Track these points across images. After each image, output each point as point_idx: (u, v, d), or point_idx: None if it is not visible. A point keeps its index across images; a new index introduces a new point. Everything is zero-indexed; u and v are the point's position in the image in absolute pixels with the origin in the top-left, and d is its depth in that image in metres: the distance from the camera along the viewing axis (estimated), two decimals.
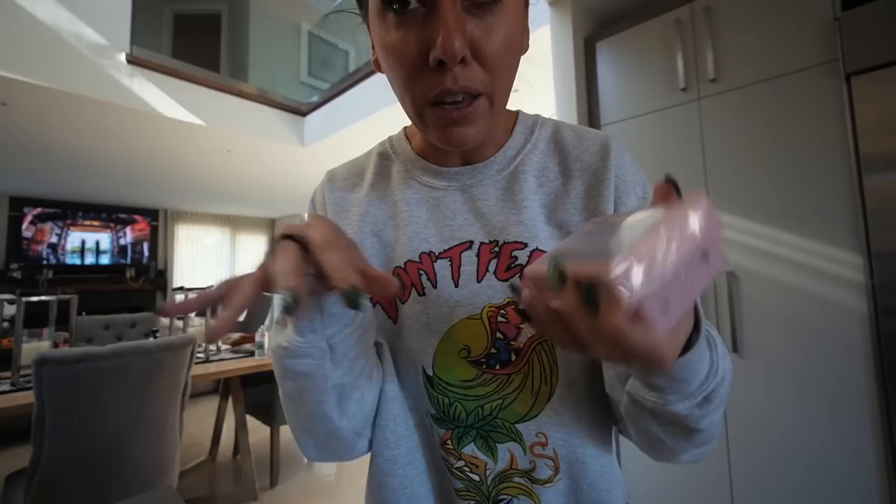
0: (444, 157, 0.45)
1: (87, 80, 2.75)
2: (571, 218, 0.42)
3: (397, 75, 0.35)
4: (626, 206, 0.41)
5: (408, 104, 0.37)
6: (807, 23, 1.21)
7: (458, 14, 0.32)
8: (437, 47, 0.31)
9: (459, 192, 0.44)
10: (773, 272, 1.24)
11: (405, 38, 0.33)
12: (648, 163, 1.49)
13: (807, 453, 1.17)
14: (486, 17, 0.33)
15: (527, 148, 0.45)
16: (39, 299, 1.95)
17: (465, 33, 0.32)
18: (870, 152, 1.09)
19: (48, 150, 3.77)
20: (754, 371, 1.26)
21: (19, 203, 5.55)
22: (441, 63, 0.32)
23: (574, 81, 1.67)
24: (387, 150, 0.50)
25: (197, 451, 2.73)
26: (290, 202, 6.54)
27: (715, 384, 0.31)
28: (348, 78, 3.58)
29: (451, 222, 0.43)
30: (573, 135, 0.45)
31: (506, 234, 0.41)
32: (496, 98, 0.36)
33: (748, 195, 1.30)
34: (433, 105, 0.35)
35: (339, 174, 0.51)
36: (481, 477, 0.41)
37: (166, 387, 1.58)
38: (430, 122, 0.36)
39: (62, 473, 1.34)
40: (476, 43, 0.33)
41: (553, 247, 0.40)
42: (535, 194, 0.43)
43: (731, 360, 0.38)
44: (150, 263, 6.50)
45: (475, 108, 0.35)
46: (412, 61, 0.33)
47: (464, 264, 0.42)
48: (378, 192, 0.47)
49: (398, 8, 0.33)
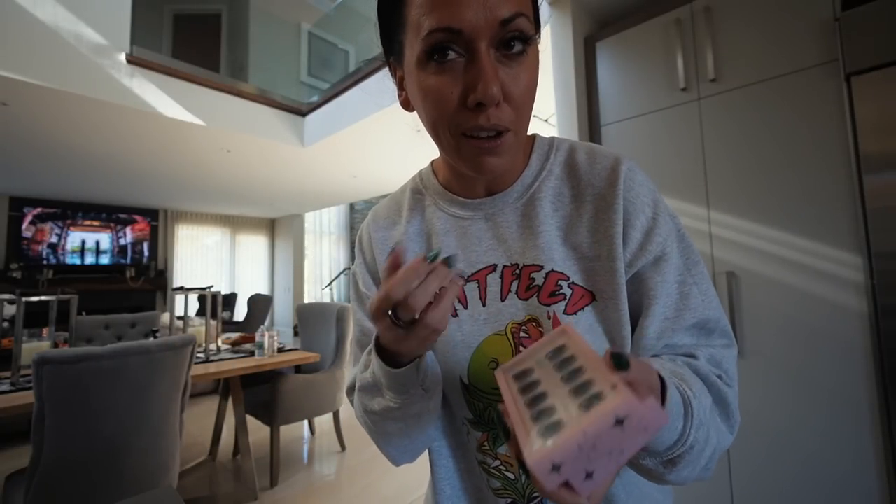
0: (469, 189, 0.50)
1: (87, 79, 2.75)
2: (584, 241, 0.45)
3: (436, 113, 0.40)
4: (636, 228, 0.44)
5: (444, 135, 0.41)
6: (807, 23, 1.21)
7: (494, 64, 0.37)
8: (478, 92, 0.36)
9: (483, 221, 0.49)
10: (773, 272, 1.25)
11: (446, 83, 0.38)
12: (648, 163, 1.49)
13: (807, 453, 1.17)
14: (513, 67, 0.38)
15: (542, 175, 0.48)
16: (39, 299, 1.95)
17: (501, 80, 0.37)
18: (870, 152, 1.09)
19: (48, 150, 3.77)
20: (754, 371, 1.26)
21: (19, 203, 5.55)
22: (479, 105, 0.37)
23: (574, 81, 1.67)
24: (418, 185, 0.55)
25: (197, 451, 2.73)
26: (290, 202, 6.54)
27: (682, 451, 0.35)
28: (348, 78, 3.58)
29: (476, 248, 0.48)
30: (586, 158, 0.48)
31: (525, 257, 0.46)
32: (520, 132, 0.41)
33: (748, 195, 1.30)
34: (467, 137, 0.39)
35: (380, 214, 0.56)
36: (516, 475, 0.46)
37: (166, 387, 1.58)
38: (465, 153, 0.40)
39: (62, 473, 1.34)
40: (506, 88, 0.38)
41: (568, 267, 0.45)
42: (551, 218, 0.46)
43: (724, 432, 0.41)
44: (150, 263, 6.50)
45: (504, 142, 0.39)
46: (452, 102, 0.38)
47: (489, 286, 0.47)
48: (414, 226, 0.53)
49: (440, 59, 0.38)
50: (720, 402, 0.41)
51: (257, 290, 7.53)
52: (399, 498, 2.15)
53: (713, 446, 0.38)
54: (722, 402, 0.42)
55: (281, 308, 7.74)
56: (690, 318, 0.43)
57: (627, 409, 0.24)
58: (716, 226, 1.35)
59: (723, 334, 0.46)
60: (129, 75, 2.95)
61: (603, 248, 0.44)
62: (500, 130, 0.39)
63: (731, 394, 0.42)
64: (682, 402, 0.34)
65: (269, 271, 8.12)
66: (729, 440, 0.42)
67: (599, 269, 0.44)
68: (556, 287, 0.44)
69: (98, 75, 2.80)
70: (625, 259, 0.43)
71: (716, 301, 0.46)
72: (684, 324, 0.43)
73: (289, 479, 2.38)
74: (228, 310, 5.87)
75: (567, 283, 0.44)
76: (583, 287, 0.44)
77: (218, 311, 2.65)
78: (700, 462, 0.37)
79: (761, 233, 1.27)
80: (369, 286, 0.53)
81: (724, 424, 0.42)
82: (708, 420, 0.37)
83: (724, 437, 0.41)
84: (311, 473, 2.47)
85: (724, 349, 0.45)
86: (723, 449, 0.41)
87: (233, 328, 5.21)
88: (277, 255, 8.07)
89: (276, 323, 7.79)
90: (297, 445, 2.88)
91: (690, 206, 1.40)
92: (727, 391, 0.42)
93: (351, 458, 2.62)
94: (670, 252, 0.44)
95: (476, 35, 0.36)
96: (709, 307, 0.44)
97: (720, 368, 0.43)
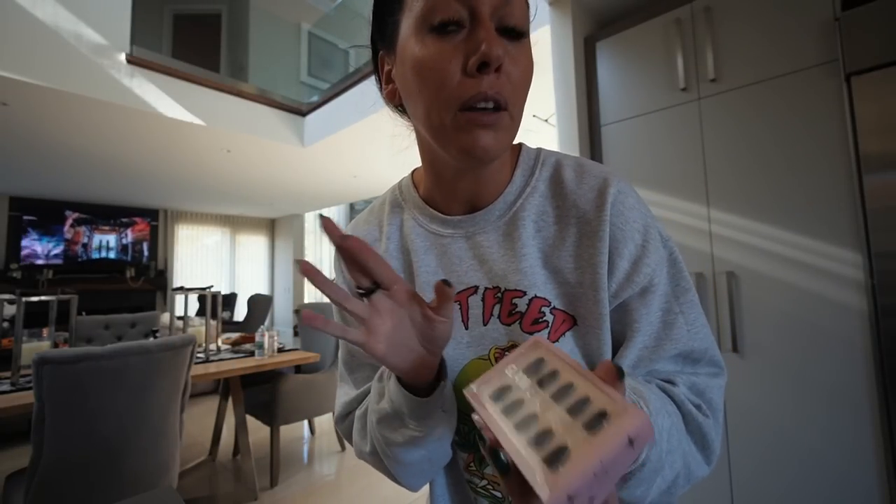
0: (450, 203, 0.47)
1: (87, 80, 2.75)
2: (566, 265, 0.43)
3: (433, 83, 0.38)
4: (623, 257, 0.41)
5: (437, 111, 0.38)
6: (807, 23, 1.21)
7: (496, 33, 0.37)
8: (482, 51, 0.35)
9: (464, 240, 0.47)
10: (773, 271, 1.25)
11: (446, 52, 0.37)
12: (648, 163, 1.49)
13: (806, 452, 1.17)
14: (512, 47, 0.38)
15: (526, 192, 0.46)
16: (39, 299, 1.95)
17: (503, 48, 0.36)
18: (870, 152, 1.09)
19: (48, 150, 3.77)
20: (754, 370, 1.26)
21: (19, 203, 5.55)
22: (482, 67, 0.36)
23: (574, 81, 1.67)
24: (397, 197, 0.53)
25: (197, 451, 2.73)
26: (290, 202, 6.54)
27: (633, 468, 0.33)
28: (348, 78, 3.59)
29: (457, 268, 0.46)
30: (574, 175, 0.45)
31: (507, 281, 0.43)
32: (515, 117, 0.40)
33: (748, 195, 1.30)
34: (464, 110, 0.37)
35: (360, 230, 0.54)
36: (504, 494, 0.44)
37: (166, 387, 1.58)
38: (460, 126, 0.38)
39: (62, 473, 1.34)
40: (505, 64, 0.37)
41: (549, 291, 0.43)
42: (533, 239, 0.44)
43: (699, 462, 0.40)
44: (150, 263, 6.50)
45: (500, 117, 0.38)
46: (452, 69, 0.37)
47: (471, 308, 0.45)
48: (394, 243, 0.51)
49: (440, 29, 0.37)
50: (695, 432, 0.40)
51: (257, 290, 7.53)
52: (399, 498, 2.15)
53: (675, 470, 0.36)
54: (697, 432, 0.40)
55: (281, 308, 7.74)
56: (671, 349, 0.42)
57: (640, 429, 0.23)
58: (716, 225, 1.35)
59: (710, 363, 0.44)
60: (129, 75, 2.95)
61: (586, 276, 0.42)
62: (500, 103, 0.37)
63: (709, 424, 0.41)
64: None
65: (269, 271, 8.12)
66: (704, 471, 0.41)
67: (582, 296, 0.42)
68: (540, 314, 0.42)
69: (98, 75, 2.80)
70: (610, 289, 0.41)
71: (704, 331, 0.44)
72: (665, 354, 0.42)
73: (289, 479, 2.38)
74: (228, 310, 5.87)
75: (549, 308, 0.42)
76: (564, 311, 0.42)
77: (218, 311, 2.65)
78: (654, 482, 0.35)
79: (761, 232, 1.27)
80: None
81: (700, 454, 0.40)
82: (665, 440, 0.35)
83: (697, 467, 0.40)
84: (311, 473, 2.47)
85: (710, 378, 0.43)
86: (695, 478, 0.40)
87: (233, 328, 5.21)
88: (277, 256, 8.08)
89: (276, 323, 7.79)
90: (297, 445, 2.88)
91: (690, 205, 1.40)
92: (703, 421, 0.40)
93: (351, 458, 2.62)
94: (658, 281, 0.42)
95: (479, 3, 0.36)
96: (694, 338, 0.43)
97: (701, 397, 0.42)
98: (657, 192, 1.47)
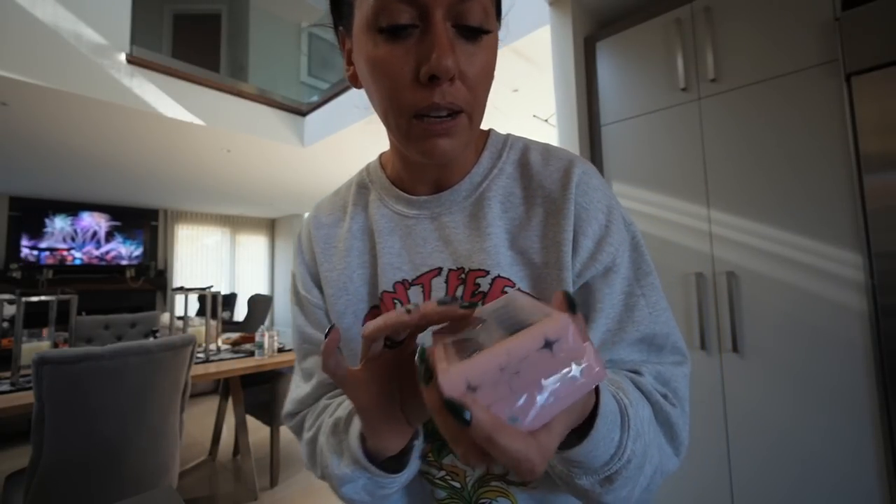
0: (417, 183, 0.47)
1: (87, 80, 2.75)
2: (532, 245, 0.42)
3: (385, 88, 0.36)
4: (587, 236, 0.41)
5: (393, 116, 0.38)
6: (807, 23, 1.21)
7: (451, 37, 0.35)
8: (431, 63, 0.33)
9: (429, 220, 0.46)
10: (773, 272, 1.24)
11: (396, 54, 0.35)
12: (649, 163, 1.49)
13: (807, 452, 1.17)
14: (469, 46, 0.36)
15: (493, 173, 0.46)
16: (39, 299, 1.95)
17: (456, 55, 0.35)
18: (870, 152, 1.09)
19: (48, 150, 3.77)
20: (754, 370, 1.26)
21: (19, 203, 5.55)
22: (433, 78, 0.34)
23: (574, 81, 1.67)
24: (364, 179, 0.52)
25: (197, 451, 2.73)
26: (290, 202, 6.54)
27: (619, 466, 0.31)
28: None
29: (421, 249, 0.45)
30: (540, 158, 0.45)
31: (471, 261, 0.43)
32: (474, 116, 0.38)
33: (748, 195, 1.30)
34: (418, 118, 0.36)
35: (323, 210, 0.53)
36: (462, 483, 0.43)
37: (166, 387, 1.58)
38: (415, 135, 0.37)
39: (62, 473, 1.34)
40: (461, 65, 0.35)
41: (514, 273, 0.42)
42: (500, 220, 0.44)
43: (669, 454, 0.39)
44: (150, 263, 6.50)
45: (457, 123, 0.37)
46: (403, 75, 0.35)
47: (434, 290, 0.44)
48: (358, 223, 0.49)
49: (391, 27, 0.34)
50: (664, 423, 0.39)
51: (257, 290, 7.52)
52: None
53: (654, 465, 0.36)
54: (666, 423, 0.39)
55: (281, 308, 7.74)
56: (634, 332, 0.41)
57: (559, 332, 0.21)
58: (716, 225, 1.35)
59: (674, 351, 0.43)
60: (129, 75, 2.95)
61: (551, 256, 0.41)
62: (455, 111, 0.36)
63: (677, 414, 0.40)
64: (619, 411, 0.32)
65: (269, 271, 8.11)
66: (674, 464, 0.40)
67: (547, 276, 0.41)
68: (502, 294, 0.40)
69: (98, 75, 2.80)
70: (574, 268, 0.41)
71: (666, 314, 0.43)
72: (628, 337, 0.41)
73: (289, 479, 2.38)
74: (228, 310, 5.87)
75: (513, 289, 0.41)
76: (528, 294, 0.41)
77: (218, 311, 2.65)
78: (639, 480, 0.34)
79: (761, 232, 1.27)
80: (309, 289, 0.50)
81: (669, 446, 0.40)
82: (647, 432, 0.35)
83: (668, 460, 0.39)
84: (310, 473, 2.46)
85: (675, 366, 0.43)
86: (666, 472, 0.39)
87: (233, 328, 5.20)
88: (277, 255, 8.07)
89: (276, 323, 7.78)
90: (297, 445, 2.87)
91: (690, 205, 1.40)
92: (671, 411, 0.39)
93: None
94: (621, 263, 0.42)
95: (432, 2, 0.34)
96: (656, 321, 0.42)
97: (667, 387, 0.41)
98: (657, 192, 1.47)
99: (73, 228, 5.92)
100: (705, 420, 1.34)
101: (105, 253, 6.14)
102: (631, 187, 1.53)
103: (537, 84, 2.55)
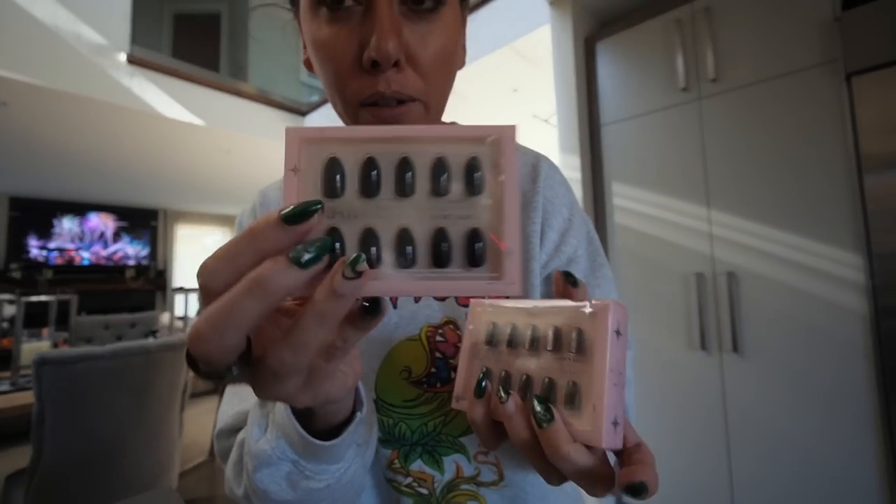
0: None
1: (87, 79, 2.75)
2: None
3: (329, 74, 0.34)
4: (553, 229, 0.42)
5: (340, 104, 0.35)
6: (807, 23, 1.21)
7: (395, 17, 0.31)
8: (370, 48, 0.30)
9: None
10: (773, 272, 1.24)
11: (339, 36, 0.32)
12: (649, 163, 1.49)
13: (806, 452, 1.17)
14: (422, 25, 0.33)
15: None
16: (39, 299, 1.95)
17: (401, 37, 0.31)
18: (870, 152, 1.09)
19: (48, 150, 3.77)
20: (754, 371, 1.26)
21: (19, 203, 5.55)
22: (375, 64, 0.31)
23: (574, 81, 1.67)
24: None
25: (197, 451, 2.72)
26: None
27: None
28: None
29: None
30: None
31: None
32: (431, 105, 0.36)
33: (748, 195, 1.30)
34: (366, 106, 0.34)
35: (271, 197, 0.49)
36: (430, 490, 0.41)
37: (166, 387, 1.58)
38: (365, 122, 0.35)
39: (62, 473, 1.34)
40: (411, 49, 0.32)
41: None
42: None
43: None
44: (150, 263, 6.50)
45: (408, 110, 0.34)
46: (346, 60, 0.32)
47: None
48: None
49: (332, 5, 0.32)
50: None
51: None
52: None
53: None
54: None
55: None
56: None
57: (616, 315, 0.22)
58: (716, 226, 1.35)
59: None
60: (128, 75, 2.95)
61: (522, 246, 0.41)
62: (405, 100, 0.33)
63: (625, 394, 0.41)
64: None
65: None
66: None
67: None
68: None
69: (98, 75, 2.80)
70: (540, 260, 0.42)
71: None
72: None
73: None
74: None
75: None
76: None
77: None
78: None
79: (761, 233, 1.27)
80: None
81: None
82: None
83: None
84: None
85: None
86: None
87: None
88: None
89: None
90: None
91: (691, 206, 1.40)
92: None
93: None
94: (581, 255, 0.43)
95: None
96: None
97: None
98: (657, 193, 1.47)
99: (80, 229, 5.94)
100: (705, 420, 1.34)
101: (112, 253, 6.19)
102: (631, 187, 1.53)
103: (537, 84, 2.55)
